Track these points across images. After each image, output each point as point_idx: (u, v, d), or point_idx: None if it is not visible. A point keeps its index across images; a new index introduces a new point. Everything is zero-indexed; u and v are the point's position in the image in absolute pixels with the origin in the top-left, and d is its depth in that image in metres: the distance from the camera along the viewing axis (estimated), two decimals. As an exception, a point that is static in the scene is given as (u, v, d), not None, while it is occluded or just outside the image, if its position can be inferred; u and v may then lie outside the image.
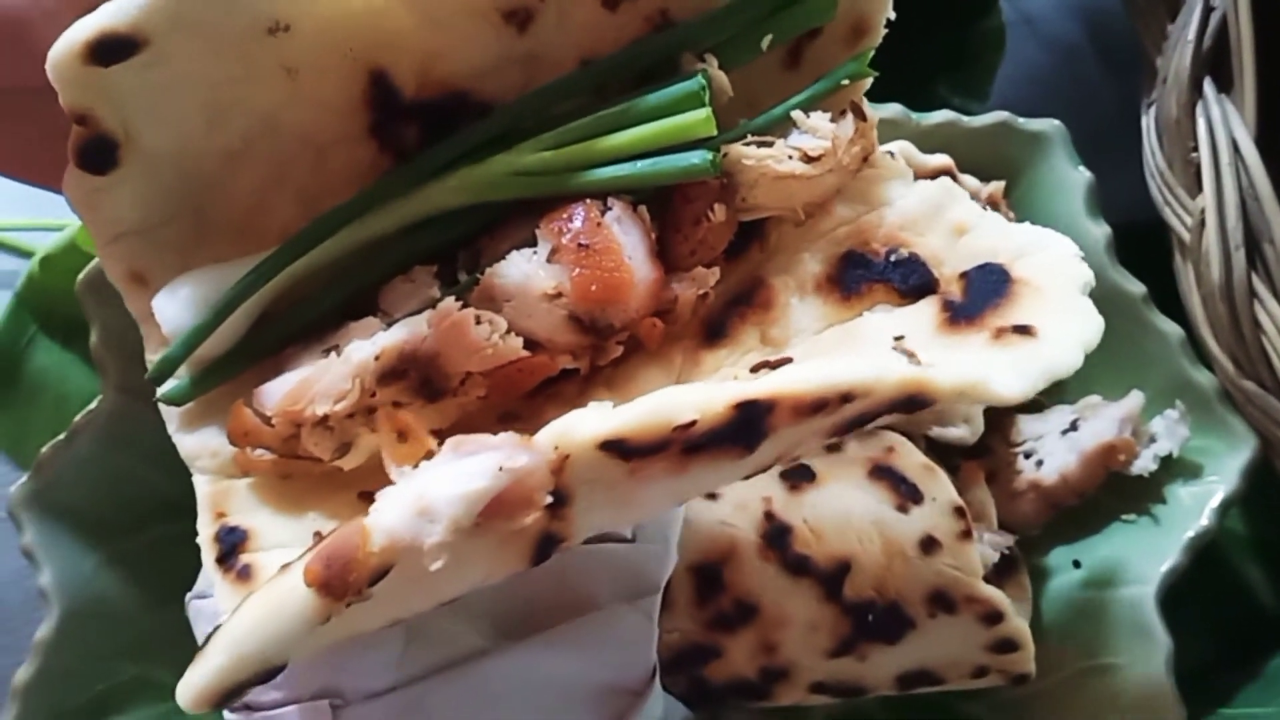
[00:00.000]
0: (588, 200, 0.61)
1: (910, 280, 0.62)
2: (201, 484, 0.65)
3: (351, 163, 0.66)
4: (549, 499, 0.52)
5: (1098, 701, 0.83)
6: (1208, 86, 0.81)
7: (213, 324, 0.64)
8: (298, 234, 0.64)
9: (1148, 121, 0.88)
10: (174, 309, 0.64)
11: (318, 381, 0.60)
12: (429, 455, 0.53)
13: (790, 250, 0.66)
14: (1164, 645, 0.80)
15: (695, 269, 0.63)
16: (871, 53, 0.65)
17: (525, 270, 0.61)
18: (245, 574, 0.61)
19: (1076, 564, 0.87)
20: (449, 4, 0.64)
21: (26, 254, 1.05)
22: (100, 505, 0.87)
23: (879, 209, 0.65)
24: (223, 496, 0.64)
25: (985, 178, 0.86)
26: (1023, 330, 0.56)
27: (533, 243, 0.62)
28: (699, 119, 0.61)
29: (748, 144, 0.63)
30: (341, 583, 0.49)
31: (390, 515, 0.50)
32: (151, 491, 0.88)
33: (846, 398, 0.52)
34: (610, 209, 0.61)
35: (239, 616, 0.52)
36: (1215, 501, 0.83)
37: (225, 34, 0.61)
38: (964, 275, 0.61)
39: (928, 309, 0.61)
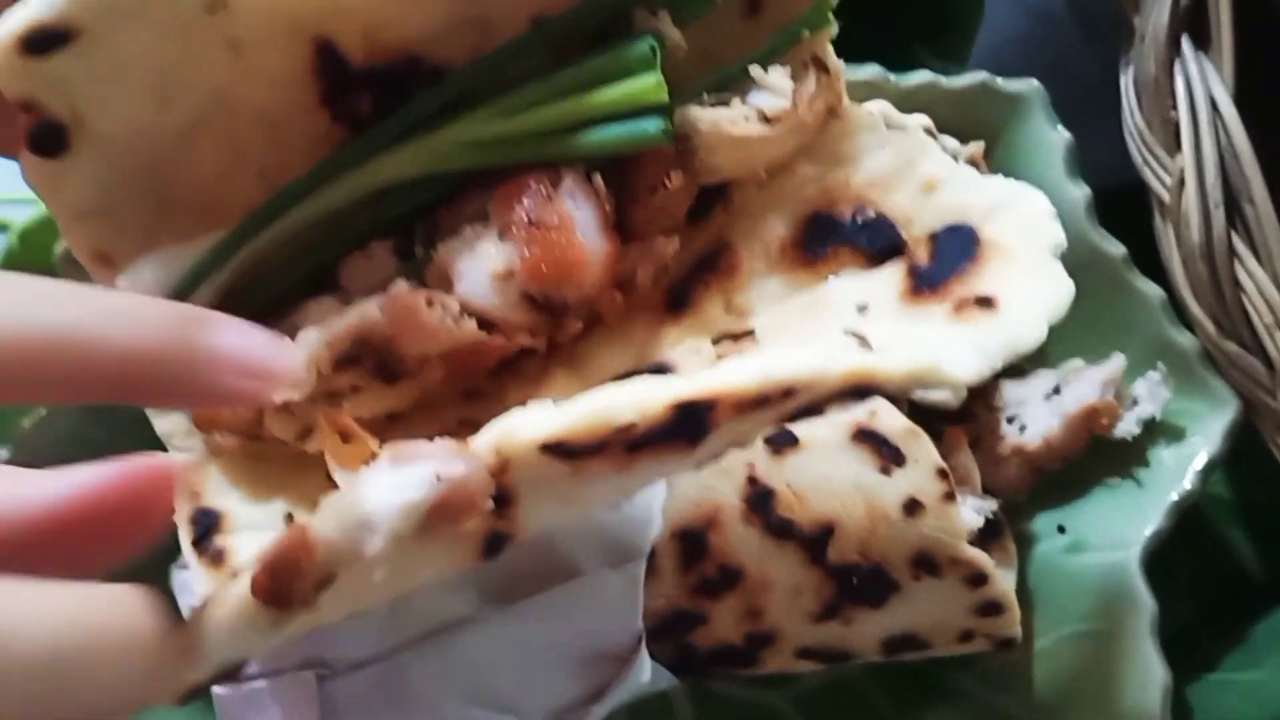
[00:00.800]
0: (536, 173, 0.59)
1: (877, 242, 0.61)
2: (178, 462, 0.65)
3: (307, 136, 0.64)
4: (491, 503, 0.51)
5: (1083, 667, 0.82)
6: (1185, 44, 0.80)
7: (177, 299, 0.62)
8: (255, 209, 0.63)
9: (1126, 81, 0.87)
10: (139, 288, 0.64)
11: None
12: (372, 457, 0.52)
13: (755, 212, 0.64)
14: (1148, 609, 0.79)
15: (654, 238, 0.61)
16: (832, 1, 0.62)
17: (476, 248, 0.60)
18: (218, 558, 0.62)
19: (1061, 529, 0.86)
20: None
21: (3, 227, 1.04)
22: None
23: (846, 166, 0.63)
24: (197, 478, 0.65)
25: (965, 139, 0.86)
26: (985, 303, 0.55)
27: (487, 217, 0.60)
28: (649, 85, 0.59)
29: (703, 106, 0.61)
30: (286, 593, 0.49)
31: (330, 525, 0.49)
32: None
33: (789, 392, 0.51)
34: (563, 181, 0.59)
35: (195, 623, 0.51)
36: (1198, 464, 0.82)
37: (162, 17, 0.60)
38: (933, 237, 0.60)
39: (893, 275, 0.59)
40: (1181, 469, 0.83)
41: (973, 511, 0.80)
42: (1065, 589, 0.84)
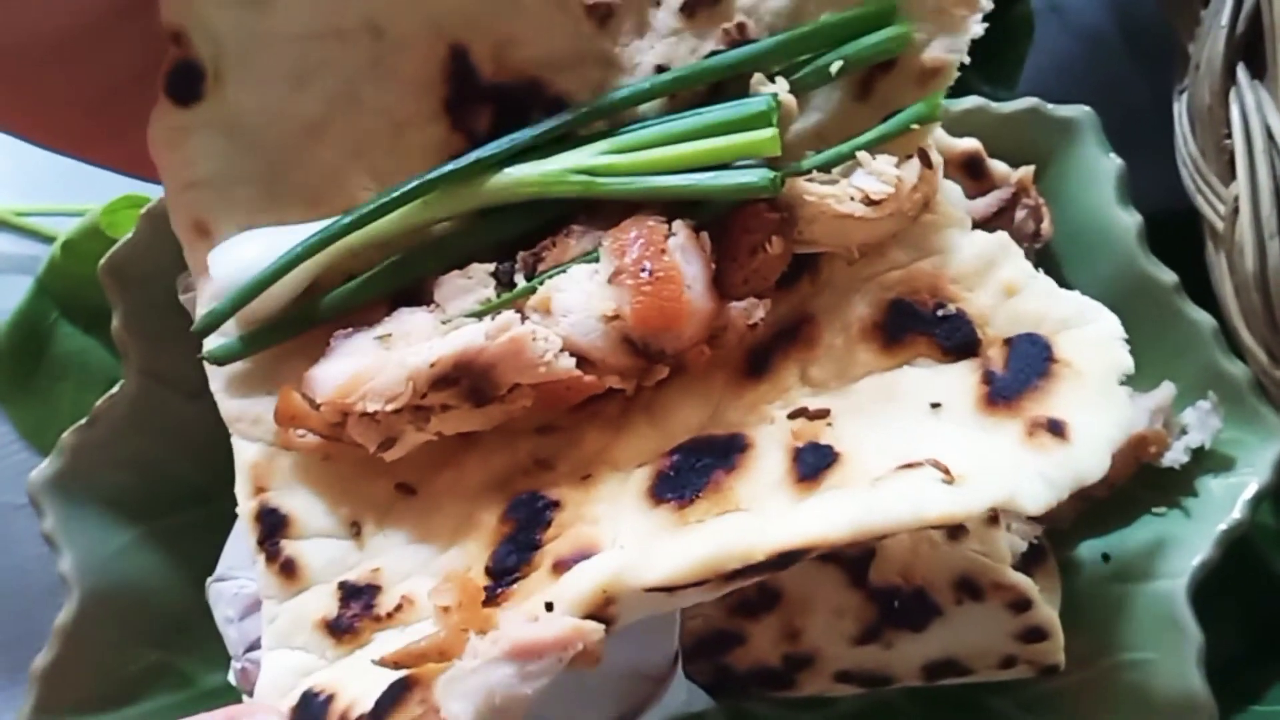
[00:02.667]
0: (652, 222, 0.64)
1: (954, 338, 0.66)
2: (242, 449, 0.69)
3: (424, 143, 0.69)
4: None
5: (1127, 697, 0.83)
6: (1241, 73, 0.82)
7: (264, 283, 0.67)
8: (362, 207, 0.67)
9: (1179, 109, 0.88)
10: (229, 264, 0.68)
11: (371, 378, 0.64)
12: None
13: (840, 287, 0.69)
14: (1195, 640, 0.80)
15: (747, 299, 0.65)
16: (942, 96, 0.67)
17: (586, 289, 0.64)
18: (289, 569, 0.67)
19: (1106, 557, 0.87)
20: None
21: (48, 239, 1.07)
22: (122, 490, 0.89)
23: (933, 256, 0.68)
24: (264, 469, 0.69)
25: (1015, 164, 0.86)
26: (1056, 429, 0.60)
27: (595, 255, 0.65)
28: (765, 138, 0.64)
29: (811, 179, 0.66)
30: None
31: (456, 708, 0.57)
32: (174, 476, 0.90)
33: (880, 535, 0.58)
34: (675, 235, 0.64)
35: None
36: (1247, 494, 0.83)
37: None
38: (1008, 342, 0.65)
39: (968, 376, 0.65)
40: (1230, 499, 0.84)
41: (1017, 536, 0.79)
42: (1110, 617, 0.86)
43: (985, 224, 0.82)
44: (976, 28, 0.66)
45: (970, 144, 0.84)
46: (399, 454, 0.66)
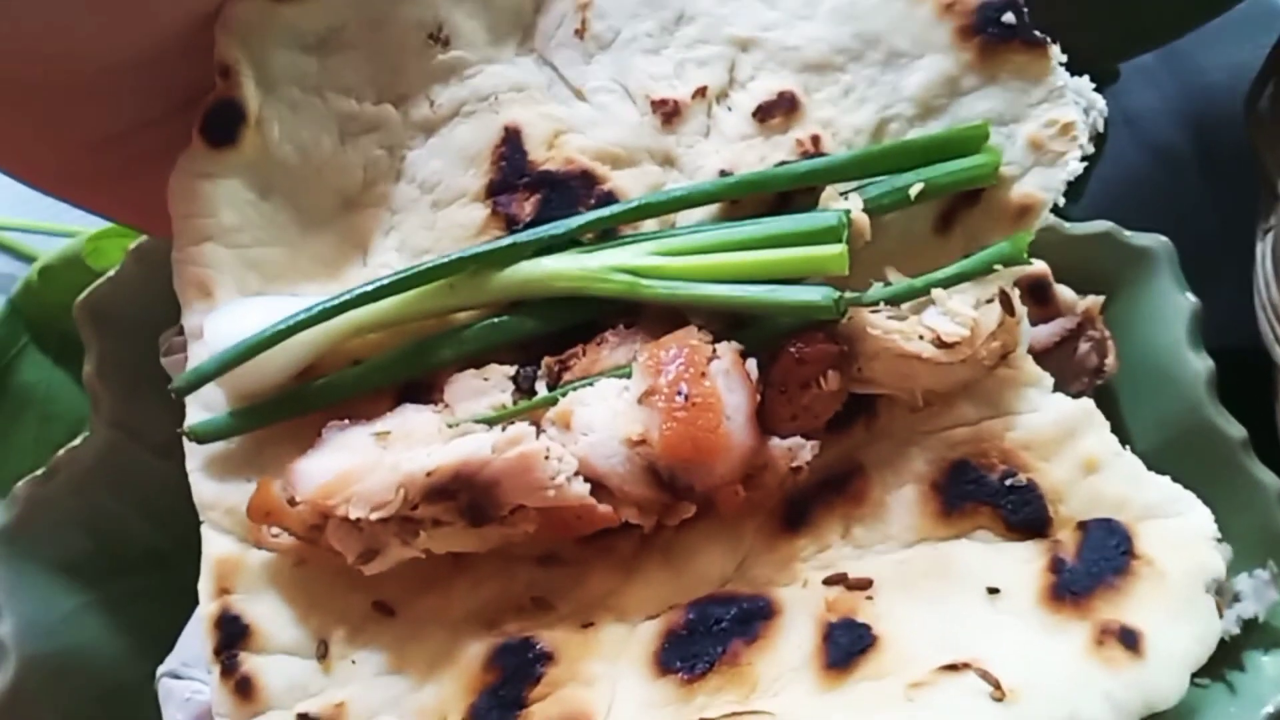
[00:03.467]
0: (695, 341, 0.58)
1: (1021, 512, 0.61)
2: (211, 541, 0.63)
3: (464, 222, 0.66)
4: None
5: None
6: (1335, 218, 0.75)
7: (257, 348, 0.61)
8: (378, 279, 0.62)
9: (1263, 248, 0.82)
10: (227, 330, 0.62)
11: (359, 481, 0.58)
12: None
13: (898, 439, 0.63)
14: (1232, 833, 0.75)
15: (793, 438, 0.60)
16: (1031, 237, 0.62)
17: (613, 406, 0.58)
18: (246, 688, 0.61)
19: (1142, 727, 0.79)
20: (602, 80, 0.66)
21: (27, 258, 1.03)
22: (75, 551, 0.82)
23: (1006, 417, 0.62)
24: (231, 567, 0.63)
25: (1082, 290, 0.80)
26: (1130, 642, 0.55)
27: (628, 371, 0.59)
28: (833, 254, 0.58)
29: (877, 311, 0.61)
30: None
31: None
32: (133, 537, 0.84)
33: None
34: (719, 358, 0.58)
35: None
36: (1301, 675, 0.77)
37: (391, 21, 0.64)
38: (1082, 525, 0.60)
39: (1034, 561, 0.60)
40: (1280, 678, 0.79)
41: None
42: (1140, 796, 0.77)
43: (1045, 353, 0.77)
44: (1076, 165, 0.62)
45: (1039, 267, 0.78)
46: (380, 569, 0.61)
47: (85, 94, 0.63)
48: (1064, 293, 0.80)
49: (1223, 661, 0.79)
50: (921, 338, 0.60)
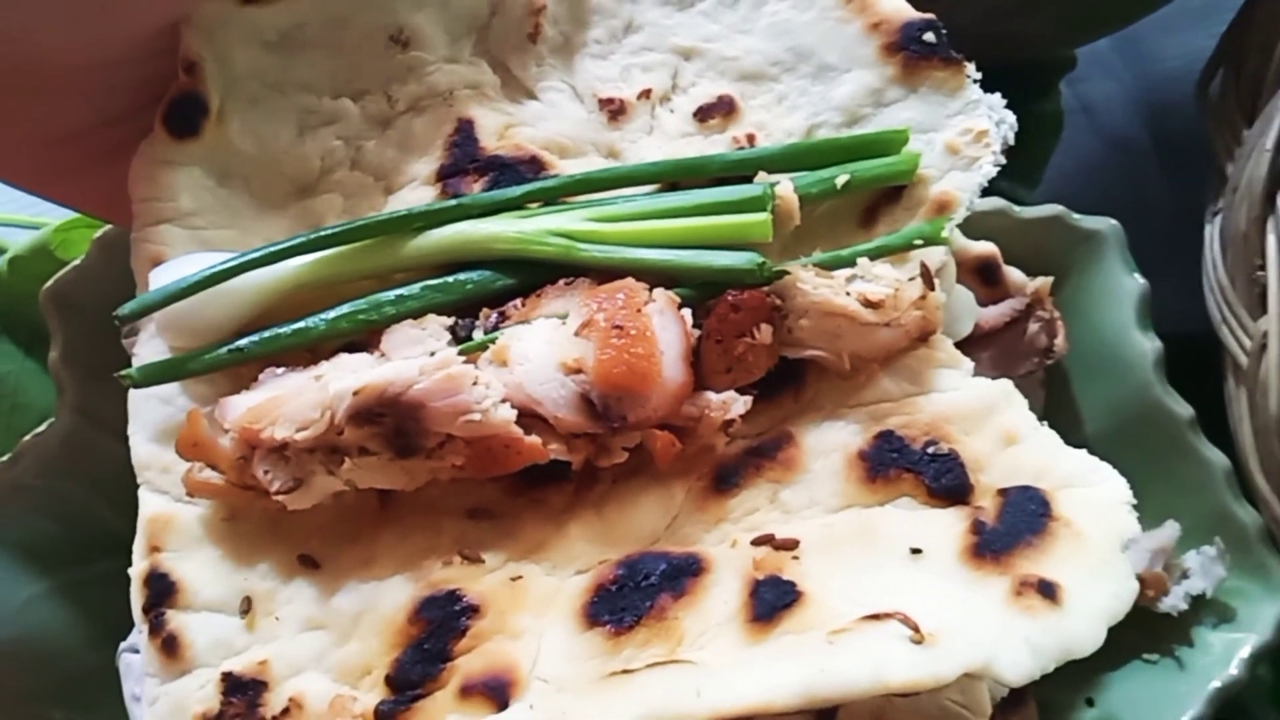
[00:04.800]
0: (632, 283, 0.60)
1: (943, 479, 0.62)
2: (146, 501, 0.64)
3: (411, 202, 0.67)
4: None
5: None
6: (1283, 201, 0.76)
7: (196, 286, 0.62)
8: (320, 230, 0.64)
9: (1211, 231, 0.83)
10: (169, 277, 0.63)
11: (285, 403, 0.59)
12: None
13: (826, 410, 0.65)
14: (1179, 802, 0.76)
15: (727, 392, 0.62)
16: (948, 223, 0.65)
17: (549, 336, 0.60)
18: (172, 645, 0.62)
19: (1090, 702, 0.82)
20: (552, 80, 0.69)
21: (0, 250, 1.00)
22: (38, 536, 0.84)
23: (929, 393, 0.64)
24: (163, 525, 0.64)
25: (1032, 273, 0.81)
26: (1048, 592, 0.57)
27: (565, 314, 0.61)
28: (757, 221, 0.61)
29: (807, 270, 0.63)
30: None
31: None
32: (97, 523, 0.84)
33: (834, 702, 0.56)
34: (654, 300, 0.60)
35: None
36: (1246, 651, 0.78)
37: (353, 21, 0.67)
38: (1002, 492, 0.61)
39: (955, 524, 0.61)
40: (1228, 654, 0.79)
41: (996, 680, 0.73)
42: (1089, 767, 0.79)
43: (995, 333, 0.79)
44: (990, 169, 0.66)
45: (987, 248, 0.80)
46: (305, 503, 0.62)
47: (50, 93, 0.64)
48: (1013, 274, 0.81)
49: (1171, 637, 0.80)
50: (849, 294, 0.62)
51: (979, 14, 0.86)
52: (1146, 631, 0.80)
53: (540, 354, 0.60)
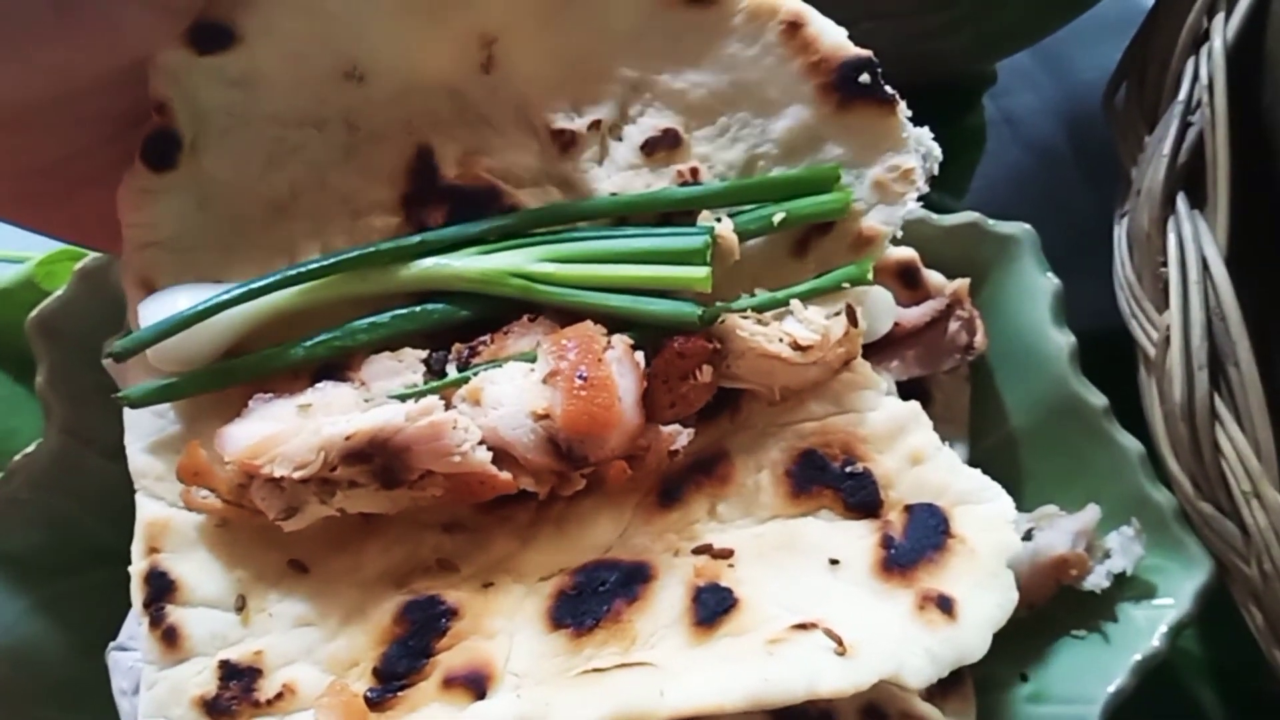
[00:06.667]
0: (591, 331, 0.65)
1: (858, 495, 0.69)
2: (143, 506, 0.68)
3: (381, 229, 0.71)
4: None
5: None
6: (1180, 202, 0.81)
7: (185, 323, 0.66)
8: (297, 265, 0.68)
9: (1119, 232, 0.87)
10: (159, 309, 0.67)
11: (283, 443, 0.64)
12: None
13: (757, 430, 0.71)
14: (1109, 768, 0.80)
15: (672, 425, 0.67)
16: (873, 262, 0.70)
17: (520, 384, 0.65)
18: (171, 636, 0.66)
19: (1024, 677, 0.86)
20: (507, 111, 0.71)
21: None
22: (30, 549, 0.87)
23: (848, 414, 0.71)
24: (160, 529, 0.68)
25: (952, 276, 0.86)
26: (946, 607, 0.64)
27: (531, 356, 0.66)
28: (698, 275, 0.66)
29: (746, 317, 0.68)
30: None
31: None
32: (86, 536, 0.88)
33: (774, 705, 0.62)
34: (613, 348, 0.65)
35: None
36: (1167, 624, 0.82)
37: (308, 59, 0.68)
38: (908, 508, 0.68)
39: (867, 537, 0.68)
40: (1150, 627, 0.83)
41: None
42: (1024, 739, 0.83)
43: (919, 332, 0.83)
44: (913, 205, 0.70)
45: (906, 253, 0.84)
46: (299, 526, 0.66)
47: (11, 128, 0.65)
48: (934, 277, 0.85)
49: (1097, 614, 0.84)
50: (781, 340, 0.68)
51: (901, 37, 0.91)
52: (1075, 609, 0.85)
53: (513, 400, 0.64)
